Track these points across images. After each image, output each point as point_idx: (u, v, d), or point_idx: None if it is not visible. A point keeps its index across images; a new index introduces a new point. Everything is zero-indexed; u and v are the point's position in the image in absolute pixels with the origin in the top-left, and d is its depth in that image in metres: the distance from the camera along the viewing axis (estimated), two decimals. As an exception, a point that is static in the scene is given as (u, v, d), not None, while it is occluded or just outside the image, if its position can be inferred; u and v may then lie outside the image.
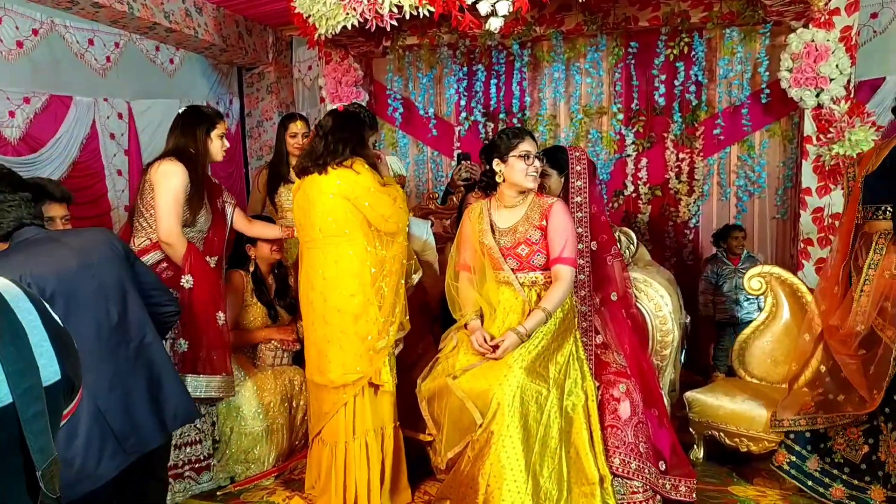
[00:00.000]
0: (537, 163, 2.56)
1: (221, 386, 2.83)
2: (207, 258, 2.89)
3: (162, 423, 1.96)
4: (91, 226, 2.98)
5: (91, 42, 4.16)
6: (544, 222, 2.54)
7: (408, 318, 2.74)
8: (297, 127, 3.70)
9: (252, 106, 5.77)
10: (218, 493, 2.88)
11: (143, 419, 1.90)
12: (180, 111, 2.92)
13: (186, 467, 2.84)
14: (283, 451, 3.17)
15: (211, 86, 5.33)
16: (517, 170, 2.55)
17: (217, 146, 2.88)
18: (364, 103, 4.74)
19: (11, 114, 3.62)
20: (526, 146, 2.55)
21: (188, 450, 2.86)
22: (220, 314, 2.85)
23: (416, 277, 2.86)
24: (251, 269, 3.37)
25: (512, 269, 2.58)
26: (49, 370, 0.91)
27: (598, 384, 2.61)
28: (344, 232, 2.63)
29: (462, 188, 3.73)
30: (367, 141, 2.75)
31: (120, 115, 4.37)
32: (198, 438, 2.89)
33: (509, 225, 2.61)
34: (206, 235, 2.92)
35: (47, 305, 0.98)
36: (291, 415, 3.20)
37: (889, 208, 2.69)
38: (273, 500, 2.87)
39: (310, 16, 3.69)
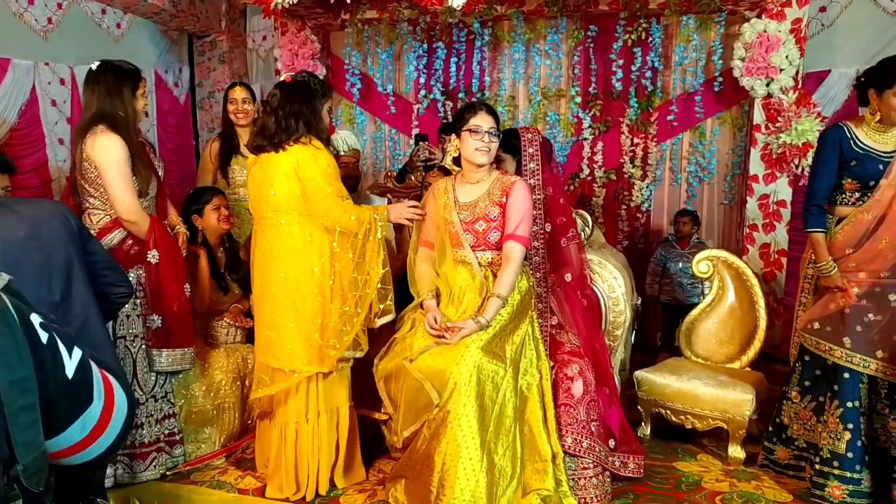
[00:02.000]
0: (488, 137, 2.55)
1: (188, 357, 2.84)
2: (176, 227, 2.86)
3: None
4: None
5: (31, 1, 3.93)
6: (504, 199, 2.55)
7: (366, 337, 2.65)
8: (235, 93, 3.58)
9: (203, 76, 5.58)
10: (167, 473, 2.82)
11: None
12: (93, 67, 2.67)
13: (163, 441, 2.80)
14: (235, 431, 3.13)
15: (160, 53, 5.13)
16: (467, 144, 2.56)
17: (141, 105, 2.72)
18: (321, 76, 4.65)
19: (-57, 75, 3.41)
20: (477, 120, 2.54)
21: (166, 423, 2.83)
22: (186, 286, 2.82)
23: (382, 320, 2.66)
24: (199, 240, 3.27)
25: (470, 246, 2.59)
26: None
27: (552, 364, 2.65)
28: (297, 212, 2.57)
29: (421, 168, 3.71)
30: (321, 112, 2.62)
31: (62, 81, 4.16)
32: (171, 412, 2.86)
33: (470, 200, 2.62)
34: (157, 200, 2.82)
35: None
36: (244, 393, 3.15)
37: None
38: (224, 479, 2.83)
39: (266, -16, 3.59)
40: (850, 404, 2.60)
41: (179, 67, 5.37)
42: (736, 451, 3.00)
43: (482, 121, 2.54)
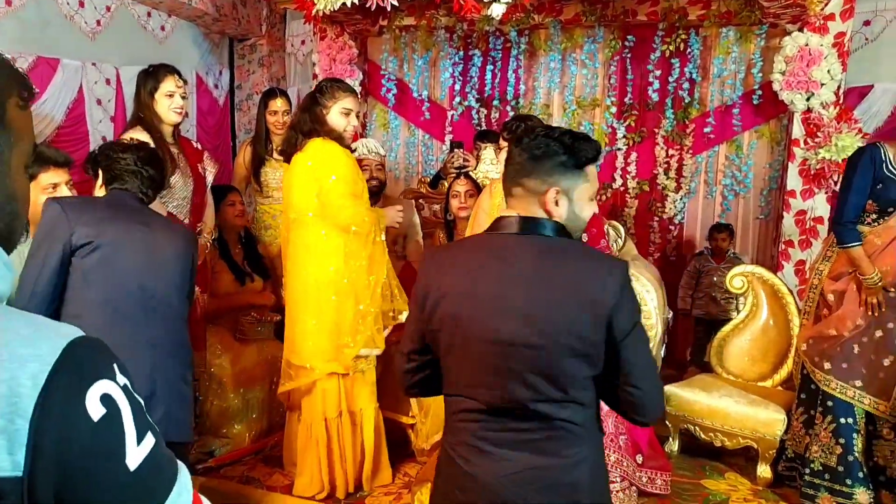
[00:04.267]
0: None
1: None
2: (199, 226, 2.91)
3: None
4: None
5: (82, 4, 4.05)
6: None
7: (383, 337, 2.71)
8: (276, 104, 3.64)
9: (242, 78, 5.68)
10: (198, 467, 2.88)
11: None
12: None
13: None
14: (263, 427, 3.18)
15: (201, 55, 5.24)
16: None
17: (164, 105, 2.76)
18: (357, 81, 4.71)
19: (-4, 74, 3.52)
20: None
21: None
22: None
23: (401, 317, 2.74)
24: (215, 235, 3.33)
25: None
26: None
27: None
28: (314, 211, 2.62)
29: (454, 174, 3.73)
30: (326, 115, 2.64)
31: (108, 81, 4.28)
32: None
33: None
34: (193, 201, 2.89)
35: None
36: (272, 390, 3.20)
37: None
38: (253, 475, 2.88)
39: (308, -10, 3.64)
40: (843, 420, 2.63)
41: (220, 70, 5.48)
42: (765, 472, 2.95)
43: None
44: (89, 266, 1.85)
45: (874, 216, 2.63)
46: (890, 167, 2.58)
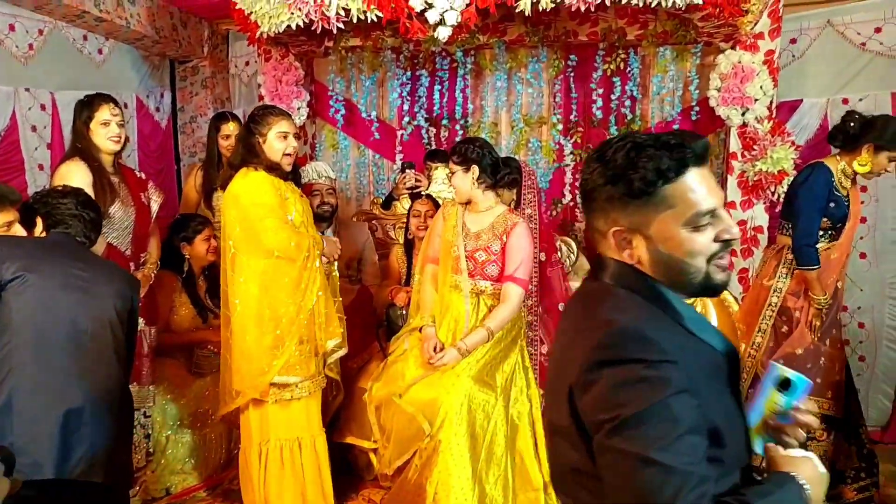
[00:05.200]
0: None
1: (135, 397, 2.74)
2: (142, 256, 2.82)
3: None
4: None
5: (12, 27, 3.89)
6: (505, 238, 2.58)
7: (312, 363, 2.63)
8: (228, 128, 3.59)
9: (185, 101, 5.55)
10: (153, 506, 2.78)
11: None
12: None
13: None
14: (221, 461, 3.09)
15: (141, 78, 5.10)
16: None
17: (101, 135, 2.75)
18: (305, 102, 4.67)
19: (-78, 102, 3.36)
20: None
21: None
22: (141, 320, 2.75)
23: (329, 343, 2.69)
24: (185, 268, 3.26)
25: (468, 272, 2.61)
26: None
27: (542, 392, 2.67)
28: (236, 238, 2.60)
29: (407, 195, 3.74)
30: (259, 146, 2.63)
31: (43, 107, 4.11)
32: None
33: (476, 230, 2.65)
34: (134, 232, 2.81)
35: None
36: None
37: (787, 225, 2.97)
38: (211, 512, 2.79)
39: (252, 13, 3.60)
40: None
41: (161, 92, 5.35)
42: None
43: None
44: (19, 300, 1.85)
45: (830, 232, 2.84)
46: (837, 186, 2.79)
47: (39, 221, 2.11)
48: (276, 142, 2.64)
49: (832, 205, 2.78)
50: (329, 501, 2.75)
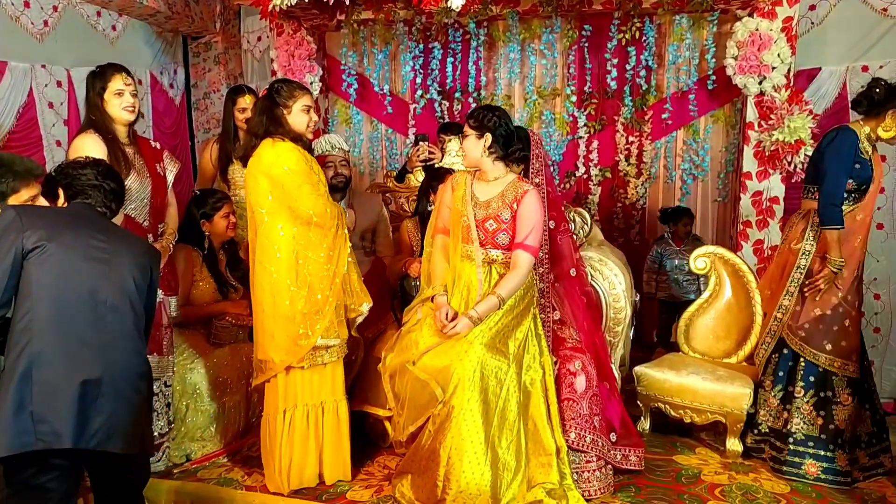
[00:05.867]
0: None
1: (156, 367, 2.78)
2: (160, 227, 2.88)
3: None
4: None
5: (27, 4, 3.92)
6: (515, 206, 2.58)
7: (345, 327, 2.73)
8: (245, 101, 3.59)
9: (198, 77, 5.57)
10: (175, 471, 2.84)
11: None
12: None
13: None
14: (240, 429, 3.15)
15: (155, 54, 5.12)
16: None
17: (115, 105, 2.74)
18: (317, 77, 4.67)
19: (-60, 78, 3.40)
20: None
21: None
22: (161, 292, 2.80)
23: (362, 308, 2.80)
24: (206, 245, 3.31)
25: (479, 242, 2.62)
26: None
27: (555, 359, 2.69)
28: (266, 207, 2.63)
29: (420, 168, 3.74)
30: (285, 114, 2.68)
31: (59, 83, 4.15)
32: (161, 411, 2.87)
33: (486, 199, 2.65)
34: (151, 203, 2.84)
35: None
36: (248, 392, 3.18)
37: (814, 189, 2.96)
38: (231, 476, 2.85)
39: (264, -14, 3.60)
40: (822, 394, 2.87)
41: (174, 69, 5.37)
42: (734, 444, 3.05)
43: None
44: (40, 269, 1.87)
45: (855, 195, 2.84)
46: (862, 149, 2.80)
47: (61, 193, 2.13)
48: (301, 115, 2.70)
49: (857, 166, 2.79)
50: (347, 465, 2.81)
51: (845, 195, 2.81)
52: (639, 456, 2.84)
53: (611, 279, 3.07)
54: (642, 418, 3.30)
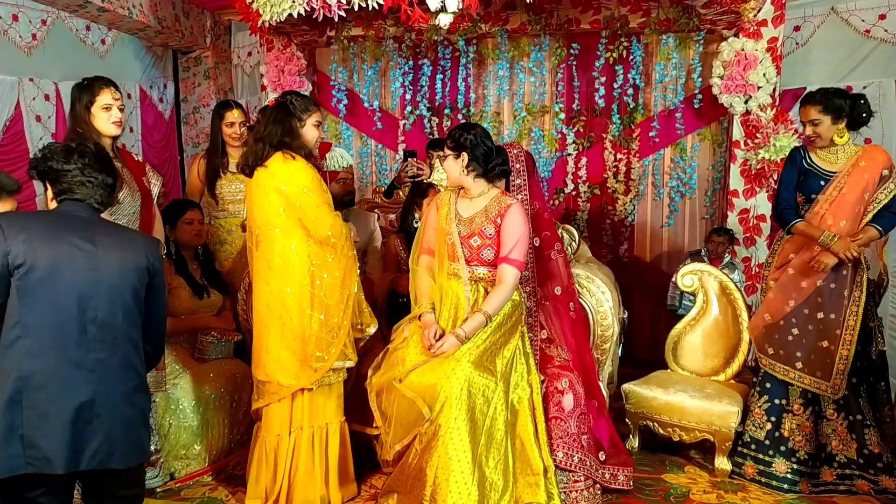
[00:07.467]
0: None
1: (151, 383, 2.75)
2: None
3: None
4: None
5: (15, 18, 3.91)
6: (499, 220, 2.58)
7: (355, 350, 2.69)
8: (233, 116, 3.58)
9: (188, 91, 5.58)
10: (158, 490, 2.80)
11: None
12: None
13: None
14: (224, 447, 3.11)
15: (144, 69, 5.12)
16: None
17: (102, 119, 2.67)
18: (308, 93, 4.67)
19: (-74, 92, 3.38)
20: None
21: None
22: None
23: (370, 330, 2.79)
24: (173, 251, 3.24)
25: (464, 259, 2.61)
26: None
27: (542, 377, 2.68)
28: (280, 226, 2.58)
29: (409, 184, 3.75)
30: (300, 128, 2.64)
31: (47, 97, 4.13)
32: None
33: (469, 215, 2.65)
34: (141, 216, 2.81)
35: None
36: (232, 409, 3.14)
37: None
38: (215, 496, 2.81)
39: (253, 1, 3.61)
40: (776, 401, 2.97)
41: (164, 83, 5.37)
42: (722, 463, 3.05)
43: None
44: (25, 288, 1.80)
45: (806, 207, 2.92)
46: (809, 161, 2.91)
47: (49, 187, 1.99)
48: (313, 129, 2.68)
49: (801, 178, 2.94)
50: (353, 484, 2.79)
51: (800, 209, 2.94)
52: (627, 475, 2.82)
53: (598, 296, 3.07)
54: (631, 436, 3.29)
